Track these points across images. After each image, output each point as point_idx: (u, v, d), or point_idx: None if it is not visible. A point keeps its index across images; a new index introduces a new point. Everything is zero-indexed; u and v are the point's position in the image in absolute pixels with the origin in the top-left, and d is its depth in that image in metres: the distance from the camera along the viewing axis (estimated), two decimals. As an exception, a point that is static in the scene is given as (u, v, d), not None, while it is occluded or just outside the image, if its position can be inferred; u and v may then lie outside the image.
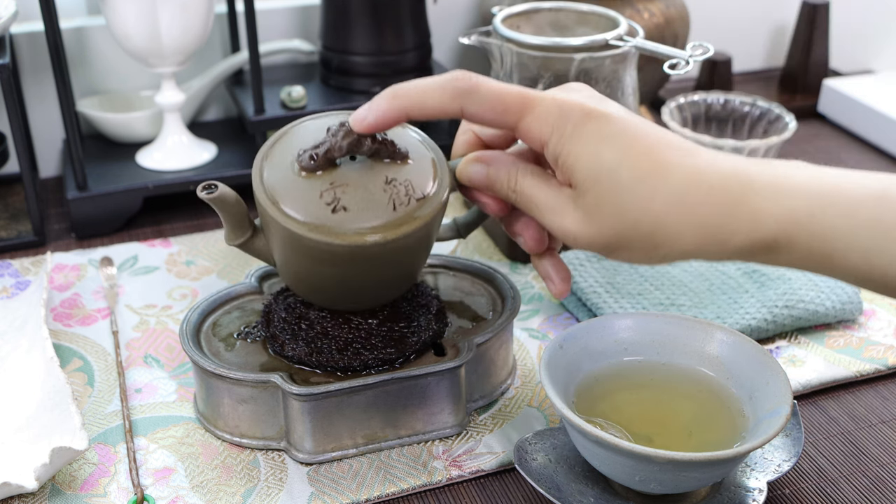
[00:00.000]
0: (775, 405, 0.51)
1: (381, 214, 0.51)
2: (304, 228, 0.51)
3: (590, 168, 0.46)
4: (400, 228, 0.51)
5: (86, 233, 0.81)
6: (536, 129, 0.48)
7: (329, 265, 0.53)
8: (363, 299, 0.57)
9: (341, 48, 0.88)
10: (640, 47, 0.70)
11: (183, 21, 0.79)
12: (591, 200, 0.47)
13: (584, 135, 0.47)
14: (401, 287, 0.58)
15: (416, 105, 0.50)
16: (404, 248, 0.53)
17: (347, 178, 0.52)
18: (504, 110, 0.48)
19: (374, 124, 0.50)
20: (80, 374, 0.64)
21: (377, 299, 0.58)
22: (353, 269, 0.53)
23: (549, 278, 0.53)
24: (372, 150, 0.52)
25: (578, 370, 0.56)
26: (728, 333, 0.56)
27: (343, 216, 0.51)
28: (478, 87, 0.48)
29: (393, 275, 0.56)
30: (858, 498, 0.55)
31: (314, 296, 0.57)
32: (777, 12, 1.19)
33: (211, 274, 0.76)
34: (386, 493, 0.55)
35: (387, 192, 0.52)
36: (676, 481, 0.49)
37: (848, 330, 0.69)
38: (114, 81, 0.93)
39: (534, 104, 0.48)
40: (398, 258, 0.54)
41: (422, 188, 0.53)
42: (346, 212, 0.51)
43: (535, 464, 0.53)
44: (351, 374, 0.56)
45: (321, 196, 0.51)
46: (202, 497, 0.54)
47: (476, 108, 0.49)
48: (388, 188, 0.52)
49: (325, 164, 0.52)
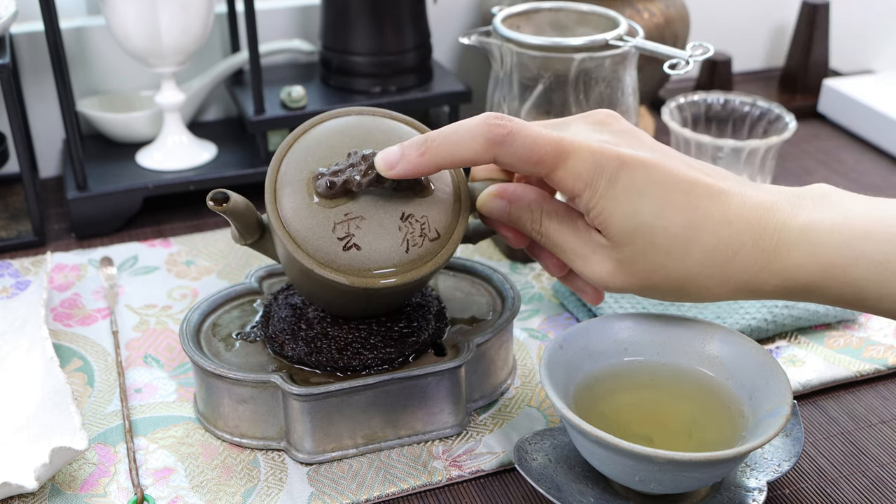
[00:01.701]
0: (775, 405, 0.51)
1: (393, 256, 0.51)
2: (314, 263, 0.50)
3: (624, 226, 0.48)
4: (410, 273, 0.51)
5: (86, 233, 0.81)
6: (570, 183, 0.48)
7: (336, 295, 0.54)
8: (369, 314, 0.58)
9: (341, 48, 0.88)
10: (640, 47, 0.70)
11: (183, 21, 0.79)
12: (626, 255, 0.48)
13: (619, 190, 0.47)
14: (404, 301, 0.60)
15: (448, 159, 0.49)
16: (415, 284, 0.53)
17: (363, 209, 0.51)
18: (538, 162, 0.48)
19: (401, 174, 0.49)
20: (80, 374, 0.64)
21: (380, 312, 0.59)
22: (361, 301, 0.55)
23: (583, 290, 0.54)
24: (392, 185, 0.51)
25: (578, 370, 0.56)
26: (728, 333, 0.56)
27: (354, 255, 0.50)
28: (512, 136, 0.47)
29: (401, 300, 0.58)
30: (858, 498, 0.55)
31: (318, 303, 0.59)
32: (777, 12, 1.19)
33: (211, 274, 0.76)
34: (386, 493, 0.55)
35: (402, 232, 0.51)
36: (676, 481, 0.49)
37: (848, 330, 0.69)
38: (114, 81, 0.93)
39: (567, 155, 0.48)
40: (408, 291, 0.56)
41: (438, 226, 0.52)
42: (359, 251, 0.50)
43: (535, 464, 0.53)
44: (351, 374, 0.56)
45: (334, 230, 0.51)
46: (202, 497, 0.54)
47: (509, 160, 0.48)
48: (404, 226, 0.51)
49: (341, 194, 0.51)
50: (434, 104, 0.90)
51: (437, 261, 0.52)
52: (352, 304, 0.56)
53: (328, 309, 0.58)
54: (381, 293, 0.52)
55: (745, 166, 0.80)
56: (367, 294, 0.52)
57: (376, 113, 0.56)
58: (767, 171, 0.82)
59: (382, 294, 0.52)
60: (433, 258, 0.52)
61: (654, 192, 0.47)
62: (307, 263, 0.51)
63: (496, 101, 0.76)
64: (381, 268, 0.51)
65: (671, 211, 0.47)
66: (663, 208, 0.47)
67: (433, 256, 0.52)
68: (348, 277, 0.50)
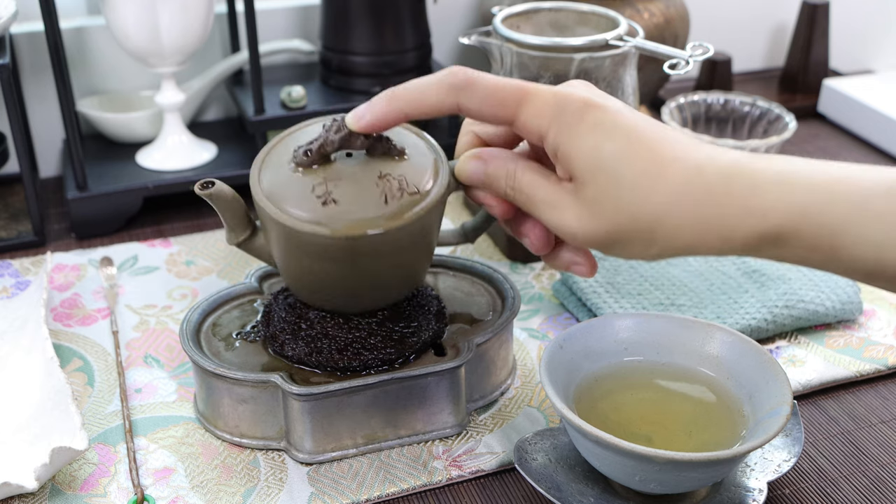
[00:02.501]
0: (775, 405, 0.51)
1: (371, 208, 0.51)
2: (295, 222, 0.51)
3: (590, 160, 0.46)
4: (391, 222, 0.51)
5: (86, 233, 0.81)
6: (535, 122, 0.47)
7: (324, 261, 0.53)
8: (363, 301, 0.57)
9: (341, 48, 0.88)
10: (640, 47, 0.70)
11: (183, 21, 0.79)
12: (591, 194, 0.46)
13: (584, 126, 0.46)
14: (401, 289, 0.58)
15: (413, 104, 0.49)
16: (398, 244, 0.52)
17: (341, 173, 0.52)
18: (500, 103, 0.48)
19: (370, 124, 0.50)
20: (80, 374, 0.64)
21: (377, 301, 0.58)
22: (349, 266, 0.53)
23: (574, 263, 0.52)
24: (365, 145, 0.52)
25: (578, 370, 0.56)
26: (728, 333, 0.56)
27: (333, 209, 0.51)
28: (474, 81, 0.48)
29: (391, 275, 0.56)
30: (858, 498, 0.55)
31: (314, 297, 0.57)
32: (777, 12, 1.19)
33: (211, 274, 0.76)
34: (386, 493, 0.55)
35: (379, 186, 0.52)
36: (676, 481, 0.49)
37: (848, 330, 0.69)
38: (114, 81, 0.93)
39: (531, 97, 0.47)
40: (395, 256, 0.54)
41: (416, 183, 0.53)
42: (336, 205, 0.51)
43: (535, 464, 0.53)
44: (351, 374, 0.56)
45: (313, 190, 0.51)
46: (202, 497, 0.54)
47: (472, 103, 0.48)
48: (381, 182, 0.52)
49: (318, 160, 0.52)
50: (434, 104, 0.90)
51: (419, 212, 0.52)
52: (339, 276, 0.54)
53: (324, 301, 0.57)
54: (365, 250, 0.52)
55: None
56: (351, 251, 0.51)
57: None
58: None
59: (367, 252, 0.52)
60: (414, 209, 0.52)
61: (619, 133, 0.46)
62: (288, 223, 0.51)
63: (496, 101, 0.75)
64: (361, 219, 0.51)
65: (638, 148, 0.46)
66: (629, 145, 0.46)
67: (414, 207, 0.52)
68: (330, 229, 0.50)
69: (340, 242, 0.51)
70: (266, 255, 0.58)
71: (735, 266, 0.73)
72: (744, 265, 0.73)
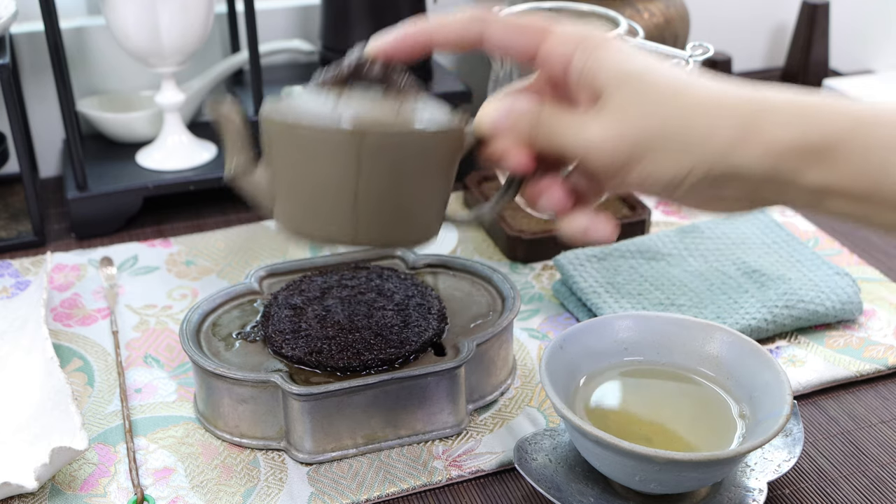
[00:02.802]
0: (775, 405, 0.51)
1: (383, 111, 0.50)
2: (304, 120, 0.49)
3: (617, 70, 0.45)
4: (398, 126, 0.49)
5: (86, 233, 0.81)
6: (559, 49, 0.47)
7: (328, 163, 0.50)
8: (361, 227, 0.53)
9: (341, 48, 0.88)
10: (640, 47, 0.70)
11: (183, 21, 0.79)
12: (617, 102, 0.45)
13: (610, 47, 0.46)
14: (399, 226, 0.54)
15: (437, 32, 0.49)
16: (405, 157, 0.50)
17: (353, 97, 0.50)
18: (523, 33, 0.48)
19: (391, 46, 0.50)
20: (80, 374, 0.64)
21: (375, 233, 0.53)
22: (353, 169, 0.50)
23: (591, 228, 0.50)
24: (381, 74, 0.50)
25: (578, 370, 0.56)
26: (728, 333, 0.56)
27: (340, 112, 0.49)
28: (498, 14, 0.48)
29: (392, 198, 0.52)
30: (858, 498, 0.55)
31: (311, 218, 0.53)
32: (777, 12, 1.19)
33: (211, 274, 0.76)
34: (386, 493, 0.55)
35: (391, 106, 0.50)
36: (676, 481, 0.49)
37: (848, 330, 0.69)
38: (114, 81, 0.93)
39: (554, 28, 0.47)
40: (399, 174, 0.51)
41: (433, 113, 0.51)
42: (347, 109, 0.49)
43: (535, 464, 0.53)
44: (351, 374, 0.56)
45: (326, 101, 0.50)
46: (202, 497, 0.54)
47: (496, 32, 0.48)
48: (393, 104, 0.50)
49: (333, 83, 0.51)
50: (434, 104, 0.90)
51: (430, 132, 0.50)
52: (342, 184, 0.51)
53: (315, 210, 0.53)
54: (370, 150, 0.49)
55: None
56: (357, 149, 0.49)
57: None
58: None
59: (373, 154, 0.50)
60: (425, 125, 0.50)
61: (644, 55, 0.46)
62: (296, 121, 0.49)
63: (496, 101, 0.75)
64: (370, 120, 0.49)
65: (660, 68, 0.45)
66: (656, 61, 0.45)
67: (425, 125, 0.50)
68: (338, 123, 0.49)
69: (349, 139, 0.49)
70: (262, 189, 0.54)
71: (735, 266, 0.73)
72: (744, 265, 0.73)
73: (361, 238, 0.52)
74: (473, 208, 0.58)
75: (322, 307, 0.61)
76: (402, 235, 0.53)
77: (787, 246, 0.75)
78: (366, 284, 0.64)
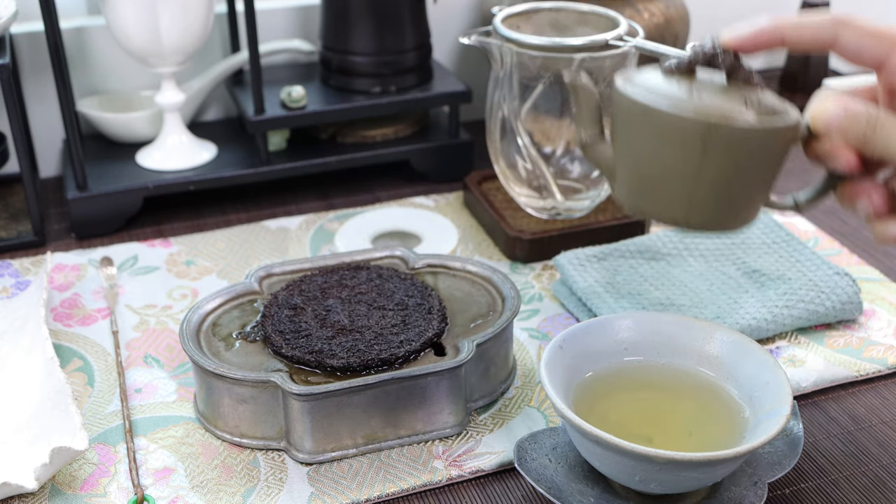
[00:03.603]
0: (775, 405, 0.51)
1: (730, 107, 0.52)
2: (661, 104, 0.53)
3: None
4: (745, 121, 0.52)
5: (86, 233, 0.81)
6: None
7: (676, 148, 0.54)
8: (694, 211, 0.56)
9: (341, 48, 0.88)
10: (640, 47, 0.70)
11: (183, 21, 0.79)
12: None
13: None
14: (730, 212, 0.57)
15: (793, 29, 0.51)
16: (746, 152, 0.53)
17: (703, 83, 0.54)
18: (878, 39, 0.50)
19: (746, 38, 0.52)
20: (80, 374, 0.64)
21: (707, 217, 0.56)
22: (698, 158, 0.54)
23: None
24: (730, 65, 0.54)
25: (578, 370, 0.56)
26: (728, 333, 0.56)
27: (696, 101, 0.53)
28: (854, 17, 0.50)
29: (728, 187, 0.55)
30: (858, 498, 0.55)
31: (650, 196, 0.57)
32: (777, 12, 1.18)
33: (211, 274, 0.76)
34: (386, 493, 0.55)
35: (739, 96, 0.53)
36: (676, 481, 0.49)
37: (848, 330, 0.69)
38: (114, 81, 0.93)
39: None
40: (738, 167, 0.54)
41: (772, 106, 0.54)
42: (700, 97, 0.53)
43: (535, 464, 0.53)
44: (351, 374, 0.56)
45: (678, 85, 0.53)
46: (202, 497, 0.54)
47: (850, 36, 0.50)
48: (740, 94, 0.53)
49: (685, 69, 0.54)
50: (434, 104, 0.90)
51: (773, 128, 0.52)
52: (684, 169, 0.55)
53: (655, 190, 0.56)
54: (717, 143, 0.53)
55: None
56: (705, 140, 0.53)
57: None
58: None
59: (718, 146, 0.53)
60: (769, 122, 0.53)
61: None
62: (654, 104, 0.53)
63: (496, 101, 0.76)
64: (721, 113, 0.52)
65: None
66: None
67: (769, 122, 0.53)
68: (693, 113, 0.52)
69: (699, 127, 0.52)
70: (605, 161, 0.58)
71: (735, 266, 0.73)
72: (744, 265, 0.73)
73: (692, 221, 0.56)
74: (789, 195, 0.60)
75: (322, 307, 0.61)
76: (730, 220, 0.56)
77: (787, 246, 0.75)
78: (366, 284, 0.64)
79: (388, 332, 0.58)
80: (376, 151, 0.89)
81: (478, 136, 0.92)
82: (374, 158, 0.89)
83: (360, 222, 0.82)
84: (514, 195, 0.79)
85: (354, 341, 0.58)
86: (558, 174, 0.76)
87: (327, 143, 0.90)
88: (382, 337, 0.58)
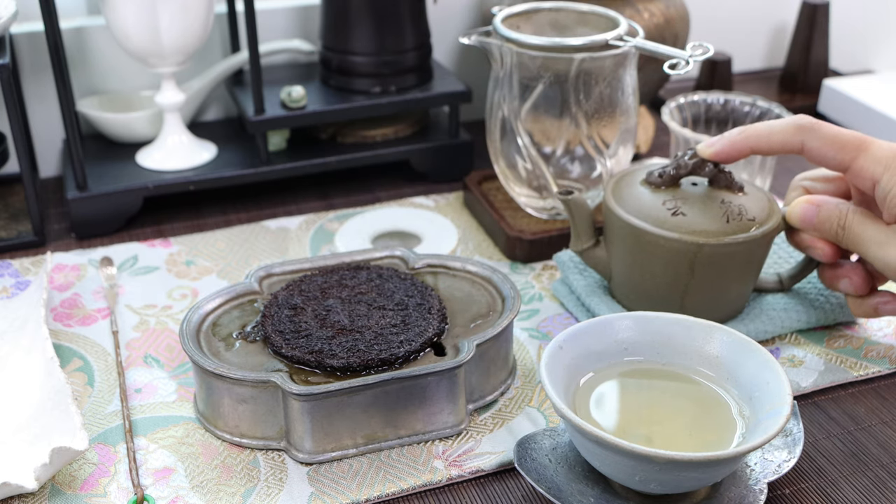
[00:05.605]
0: (775, 405, 0.51)
1: (714, 224, 0.59)
2: (648, 227, 0.60)
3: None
4: (730, 237, 0.59)
5: (86, 233, 0.81)
6: (869, 168, 0.54)
7: (666, 264, 0.60)
8: (689, 310, 0.62)
9: (341, 48, 0.88)
10: (640, 47, 0.70)
11: (183, 21, 0.79)
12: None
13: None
14: (720, 310, 0.63)
15: (762, 139, 0.57)
16: (732, 260, 0.59)
17: (687, 195, 0.61)
18: (841, 148, 0.55)
19: (721, 151, 0.58)
20: (80, 374, 0.64)
21: (701, 311, 0.61)
22: (686, 272, 0.60)
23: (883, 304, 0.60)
24: (712, 173, 0.60)
25: (578, 370, 0.56)
26: (728, 333, 0.56)
27: (681, 220, 0.60)
28: (820, 125, 0.56)
29: (718, 291, 0.62)
30: (858, 498, 0.55)
31: (644, 300, 0.63)
32: (777, 12, 1.19)
33: (211, 274, 0.76)
34: (386, 493, 0.55)
35: (721, 209, 0.60)
36: (676, 481, 0.49)
37: (848, 330, 0.69)
38: (114, 81, 0.93)
39: (868, 145, 0.54)
40: (725, 273, 0.60)
41: (753, 213, 0.60)
42: (685, 216, 0.60)
43: (535, 464, 0.53)
44: (351, 374, 0.56)
45: (664, 204, 0.61)
46: (202, 497, 0.54)
47: (816, 143, 0.55)
48: (723, 206, 0.60)
49: (669, 182, 0.61)
50: (434, 104, 0.90)
51: (754, 235, 0.59)
52: (675, 282, 0.61)
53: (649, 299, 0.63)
54: (704, 259, 0.59)
55: (745, 166, 0.80)
56: (692, 257, 0.59)
57: None
58: (767, 171, 0.82)
59: (705, 260, 0.59)
60: (751, 231, 0.59)
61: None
62: (642, 227, 0.59)
63: (496, 101, 0.75)
64: (706, 230, 0.59)
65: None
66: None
67: (750, 231, 0.59)
68: (678, 234, 0.58)
69: (686, 247, 0.59)
70: (602, 265, 0.65)
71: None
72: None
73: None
74: (775, 274, 0.68)
75: (322, 307, 0.61)
76: (719, 314, 0.64)
77: (787, 246, 0.75)
78: (366, 284, 0.64)
79: (388, 332, 0.58)
80: (376, 151, 0.89)
81: (478, 136, 0.92)
82: (374, 158, 0.89)
83: (360, 222, 0.82)
84: (514, 195, 0.80)
85: (354, 341, 0.58)
86: (558, 174, 0.76)
87: (327, 143, 0.90)
88: (382, 337, 0.58)
